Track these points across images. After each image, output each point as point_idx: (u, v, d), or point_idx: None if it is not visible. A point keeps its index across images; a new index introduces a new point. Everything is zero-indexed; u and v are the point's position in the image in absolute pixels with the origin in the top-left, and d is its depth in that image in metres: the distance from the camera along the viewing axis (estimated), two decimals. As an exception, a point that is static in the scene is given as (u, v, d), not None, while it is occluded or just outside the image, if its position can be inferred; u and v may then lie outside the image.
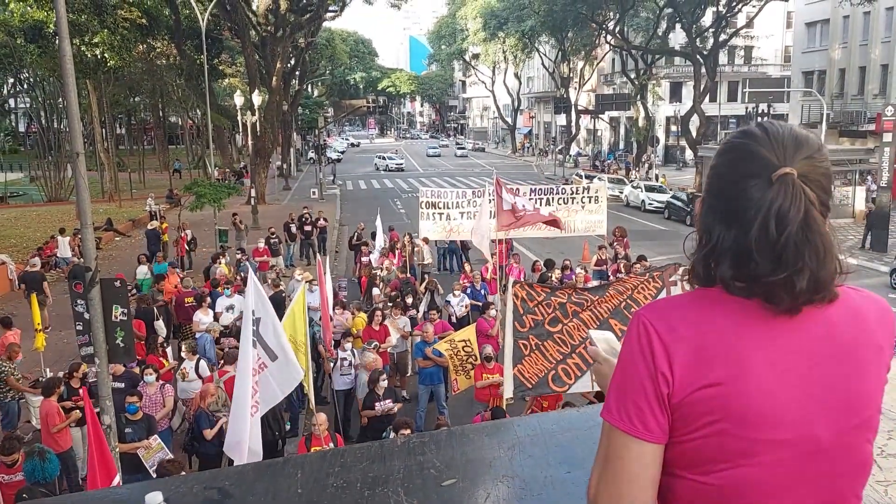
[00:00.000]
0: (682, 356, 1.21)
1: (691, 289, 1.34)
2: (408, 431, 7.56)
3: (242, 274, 16.85)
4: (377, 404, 9.66)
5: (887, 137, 25.39)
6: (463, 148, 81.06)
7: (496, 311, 12.42)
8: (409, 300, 13.78)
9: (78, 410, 8.93)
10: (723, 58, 49.13)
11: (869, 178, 31.23)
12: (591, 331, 1.73)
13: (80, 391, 8.93)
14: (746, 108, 44.21)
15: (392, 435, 7.92)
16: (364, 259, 18.36)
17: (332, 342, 11.44)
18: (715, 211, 1.29)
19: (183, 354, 11.02)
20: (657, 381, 1.21)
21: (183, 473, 7.00)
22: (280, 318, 7.78)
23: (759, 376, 1.19)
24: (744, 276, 1.23)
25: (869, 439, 1.29)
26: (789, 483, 1.22)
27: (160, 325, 12.98)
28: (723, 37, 41.62)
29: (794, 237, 1.19)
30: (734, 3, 39.22)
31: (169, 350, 12.45)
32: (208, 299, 13.55)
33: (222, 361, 10.71)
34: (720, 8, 40.03)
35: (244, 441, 6.74)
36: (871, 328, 1.28)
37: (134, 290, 14.16)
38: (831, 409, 1.22)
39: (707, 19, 42.52)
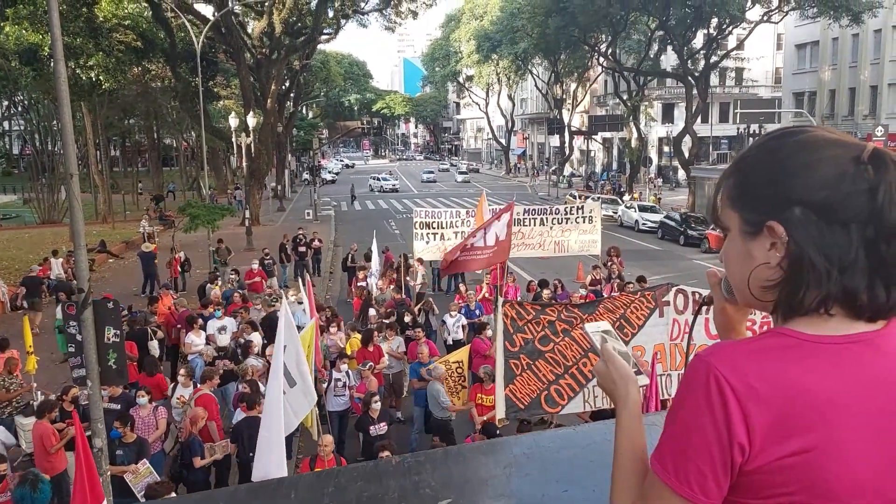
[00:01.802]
0: (762, 422, 1.04)
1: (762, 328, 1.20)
2: (386, 454, 7.53)
3: (239, 292, 16.84)
4: (371, 427, 9.60)
5: (878, 157, 25.65)
6: (465, 173, 74.03)
7: (492, 331, 12.41)
8: (408, 319, 13.76)
9: (71, 430, 8.83)
10: (714, 79, 49.65)
11: None
12: (586, 324, 1.51)
13: (73, 413, 8.85)
14: (738, 129, 44.62)
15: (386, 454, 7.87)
16: (361, 283, 18.20)
17: (324, 363, 11.39)
18: (820, 215, 1.06)
19: (180, 379, 10.84)
20: (731, 450, 1.06)
21: (173, 495, 6.93)
22: (271, 339, 7.85)
23: (847, 442, 1.04)
24: (881, 279, 1.05)
25: None
26: None
27: (153, 345, 12.91)
28: (714, 59, 42.11)
29: None
30: (724, 26, 39.73)
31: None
32: (200, 320, 13.47)
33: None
34: (711, 30, 40.54)
35: (273, 465, 6.79)
36: None
37: (126, 312, 14.08)
38: None
39: (698, 41, 43.04)
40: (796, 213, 1.07)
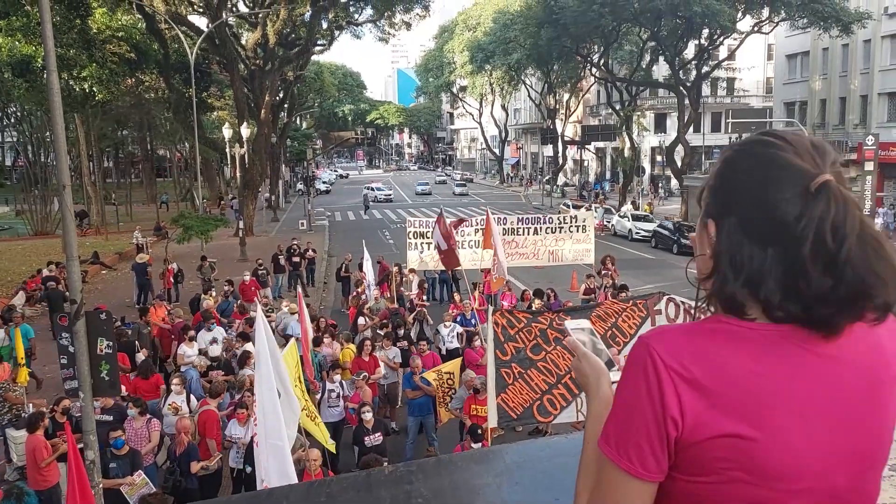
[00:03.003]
0: (695, 399, 1.10)
1: (696, 315, 1.25)
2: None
3: (236, 303, 16.81)
4: (366, 438, 9.57)
5: (869, 166, 25.82)
6: (463, 185, 70.22)
7: (481, 340, 12.44)
8: (401, 332, 13.74)
9: (64, 443, 8.78)
10: (706, 89, 49.95)
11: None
12: (567, 322, 1.58)
13: (65, 425, 8.80)
14: (730, 139, 44.82)
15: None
16: (363, 297, 18.07)
17: (317, 375, 11.36)
18: (743, 229, 1.14)
19: (173, 387, 10.83)
20: (665, 424, 1.11)
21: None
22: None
23: (782, 425, 1.09)
24: (799, 298, 1.10)
25: (881, 472, 1.23)
26: None
27: (140, 357, 12.89)
28: (705, 69, 42.39)
29: (856, 251, 1.08)
30: (716, 37, 40.00)
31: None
32: (192, 332, 13.45)
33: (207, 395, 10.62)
34: (702, 41, 40.81)
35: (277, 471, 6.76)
36: (888, 359, 1.18)
37: (119, 323, 14.05)
38: (853, 454, 1.14)
39: (689, 52, 43.33)
40: (728, 221, 1.16)
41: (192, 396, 10.73)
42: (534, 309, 14.30)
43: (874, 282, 1.08)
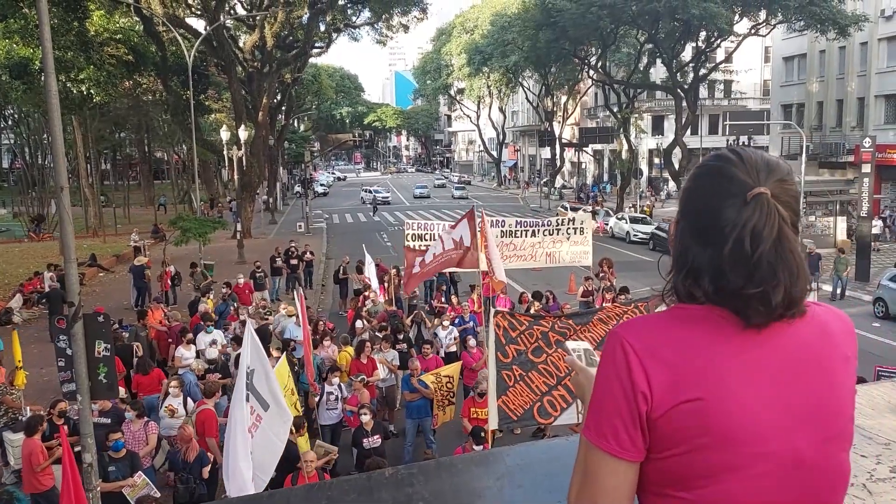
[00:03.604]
0: (659, 374, 1.23)
1: (667, 307, 1.36)
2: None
3: (234, 305, 16.79)
4: (365, 440, 9.56)
5: (866, 168, 25.84)
6: (462, 187, 68.38)
7: (476, 342, 12.44)
8: (400, 335, 13.73)
9: (61, 447, 8.75)
10: (703, 92, 49.99)
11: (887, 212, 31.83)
12: (567, 342, 1.73)
13: (63, 428, 8.78)
14: (727, 141, 44.89)
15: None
16: (368, 303, 17.92)
17: (316, 377, 11.35)
18: (691, 230, 1.32)
19: (171, 390, 10.81)
20: (636, 400, 1.23)
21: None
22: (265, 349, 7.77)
23: (736, 392, 1.21)
24: (721, 291, 1.26)
25: (845, 448, 1.32)
26: (773, 497, 1.24)
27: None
28: (702, 71, 42.41)
29: (768, 254, 1.22)
30: (713, 39, 40.05)
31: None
32: (189, 335, 13.43)
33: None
34: (699, 43, 40.86)
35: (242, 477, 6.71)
36: (837, 340, 1.32)
37: (117, 326, 14.03)
38: (808, 421, 1.25)
39: (687, 54, 43.36)
40: (683, 223, 1.35)
41: (188, 399, 10.71)
42: (532, 312, 14.32)
43: (777, 285, 1.22)
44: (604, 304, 14.74)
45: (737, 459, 1.21)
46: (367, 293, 17.59)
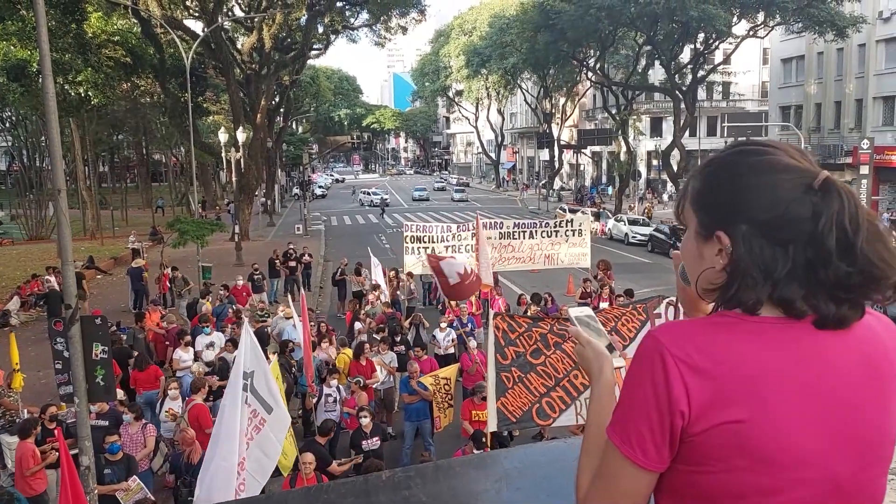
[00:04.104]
0: (701, 389, 1.14)
1: (666, 308, 1.30)
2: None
3: (232, 307, 16.77)
4: (364, 442, 9.53)
5: (864, 170, 25.88)
6: (462, 190, 68.18)
7: (475, 342, 12.43)
8: (398, 338, 13.72)
9: (54, 452, 8.72)
10: (701, 93, 50.04)
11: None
12: (570, 309, 1.64)
13: (55, 432, 8.75)
14: (725, 143, 44.81)
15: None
16: (368, 305, 17.84)
17: (315, 378, 11.31)
18: (763, 233, 1.17)
19: (169, 392, 10.79)
20: (671, 414, 1.15)
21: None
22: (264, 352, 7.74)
23: (784, 414, 1.13)
24: (815, 290, 1.15)
25: (885, 472, 1.24)
26: None
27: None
28: (701, 73, 42.47)
29: (867, 239, 1.15)
30: (711, 41, 40.09)
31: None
32: (188, 337, 13.42)
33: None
34: (698, 45, 40.90)
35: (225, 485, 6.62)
36: (891, 356, 1.23)
37: (114, 328, 14.00)
38: (854, 446, 1.17)
39: (685, 56, 43.40)
40: (742, 229, 1.18)
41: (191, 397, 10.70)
42: (530, 314, 14.31)
43: (883, 266, 1.15)
44: (600, 305, 14.76)
45: (773, 483, 1.14)
46: (376, 293, 17.52)
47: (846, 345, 1.18)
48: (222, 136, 34.97)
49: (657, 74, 49.02)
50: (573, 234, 16.80)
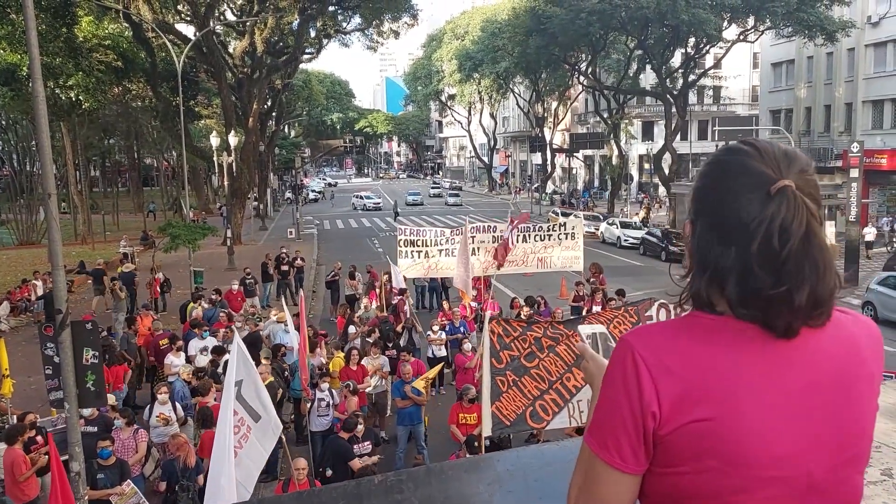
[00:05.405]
0: (670, 391, 1.16)
1: (679, 314, 1.30)
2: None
3: (223, 311, 16.69)
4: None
5: (854, 173, 26.01)
6: (456, 194, 67.38)
7: (471, 345, 12.43)
8: (391, 343, 13.71)
9: (45, 457, 8.65)
10: (692, 97, 50.26)
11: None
12: (581, 326, 1.68)
13: (37, 439, 8.69)
14: (716, 146, 44.95)
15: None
16: (361, 309, 17.78)
17: (309, 382, 11.27)
18: (711, 230, 1.23)
19: (159, 396, 10.70)
20: (643, 415, 1.17)
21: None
22: (254, 357, 7.72)
23: (752, 412, 1.14)
24: (747, 294, 1.17)
25: (860, 471, 1.25)
26: None
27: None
28: (692, 77, 42.68)
29: (797, 251, 1.15)
30: (702, 46, 40.29)
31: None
32: (180, 342, 13.34)
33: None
34: (688, 49, 41.09)
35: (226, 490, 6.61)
36: (864, 356, 1.24)
37: (105, 333, 13.92)
38: (826, 444, 1.18)
39: (676, 61, 43.60)
40: (700, 222, 1.26)
41: (177, 405, 10.64)
42: (523, 317, 14.34)
43: (802, 283, 1.15)
44: (593, 307, 14.80)
45: (745, 483, 1.15)
46: (404, 297, 17.37)
47: (818, 344, 1.20)
48: (214, 140, 34.87)
49: (648, 79, 49.25)
50: (566, 238, 16.82)
